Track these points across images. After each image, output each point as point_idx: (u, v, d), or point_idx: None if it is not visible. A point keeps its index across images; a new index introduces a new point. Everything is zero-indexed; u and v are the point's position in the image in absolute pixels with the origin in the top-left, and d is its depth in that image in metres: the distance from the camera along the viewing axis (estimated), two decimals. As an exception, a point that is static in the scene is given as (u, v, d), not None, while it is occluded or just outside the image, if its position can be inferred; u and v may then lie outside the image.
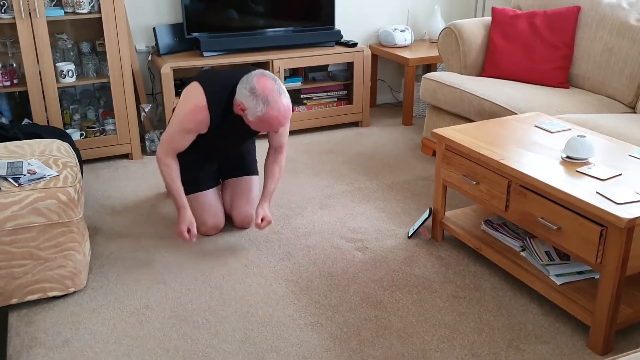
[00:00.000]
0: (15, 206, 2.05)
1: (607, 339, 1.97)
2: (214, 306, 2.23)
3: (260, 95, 2.20)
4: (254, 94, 2.20)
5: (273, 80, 2.25)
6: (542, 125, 2.55)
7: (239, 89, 2.26)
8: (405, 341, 2.05)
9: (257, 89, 2.20)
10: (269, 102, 2.21)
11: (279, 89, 2.24)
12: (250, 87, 2.21)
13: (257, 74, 2.25)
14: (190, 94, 2.37)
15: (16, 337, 2.06)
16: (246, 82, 2.24)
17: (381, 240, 2.68)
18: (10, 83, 3.19)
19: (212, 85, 2.36)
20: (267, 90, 2.21)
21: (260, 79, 2.22)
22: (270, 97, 2.21)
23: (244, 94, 2.23)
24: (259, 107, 2.21)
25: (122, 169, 3.43)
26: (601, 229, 1.87)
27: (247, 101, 2.23)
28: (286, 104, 2.26)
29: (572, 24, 3.28)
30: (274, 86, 2.23)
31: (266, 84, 2.21)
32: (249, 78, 2.23)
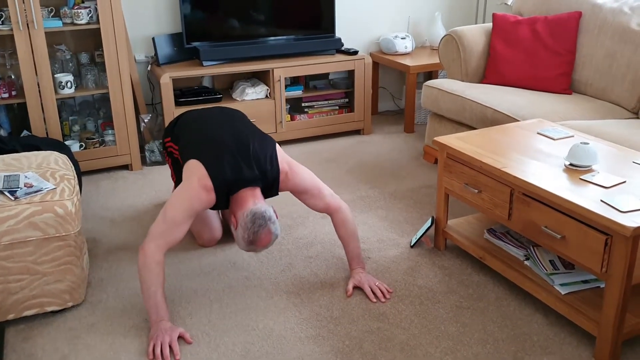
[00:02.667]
0: (11, 220, 2.03)
1: (614, 350, 1.93)
2: (214, 320, 2.20)
3: (253, 247, 2.12)
4: (249, 243, 2.11)
5: (273, 238, 2.14)
6: (545, 132, 2.52)
7: (244, 223, 2.10)
8: (408, 353, 2.02)
9: (255, 243, 2.11)
10: (254, 251, 2.16)
11: (270, 245, 2.15)
12: (252, 239, 2.10)
13: (267, 229, 2.10)
14: (195, 172, 2.17)
15: (12, 354, 2.03)
16: (254, 230, 2.09)
17: (383, 250, 2.65)
18: (8, 95, 3.18)
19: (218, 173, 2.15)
20: (261, 246, 2.12)
21: (264, 237, 2.11)
22: (259, 250, 2.15)
23: (243, 232, 2.10)
24: (243, 246, 2.13)
25: (122, 180, 3.41)
26: (606, 238, 1.84)
27: (240, 237, 2.12)
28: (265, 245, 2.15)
29: (573, 29, 3.25)
30: (268, 243, 2.14)
31: (264, 242, 2.12)
32: (259, 230, 2.09)
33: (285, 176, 2.27)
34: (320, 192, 2.33)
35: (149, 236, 2.10)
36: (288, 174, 2.28)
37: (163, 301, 2.08)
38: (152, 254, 2.07)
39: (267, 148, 2.28)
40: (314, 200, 2.34)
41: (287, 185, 2.30)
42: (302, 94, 3.95)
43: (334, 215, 2.36)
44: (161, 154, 3.65)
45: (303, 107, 3.97)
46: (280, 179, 2.26)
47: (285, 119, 3.85)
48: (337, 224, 2.37)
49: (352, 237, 2.38)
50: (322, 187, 2.34)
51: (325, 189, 2.35)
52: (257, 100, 3.75)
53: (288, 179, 2.28)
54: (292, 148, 3.87)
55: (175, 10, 3.80)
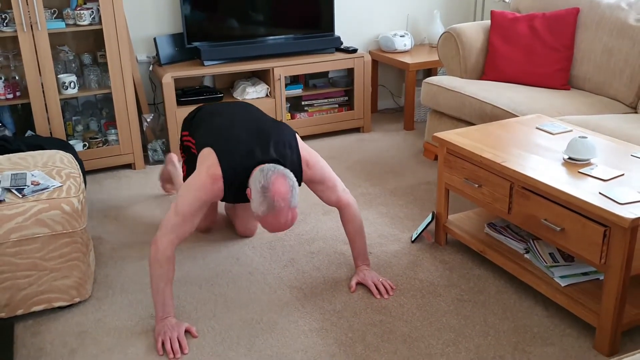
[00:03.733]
0: (19, 217, 2.06)
1: (613, 340, 1.96)
2: (218, 314, 2.23)
3: (269, 198, 1.96)
4: (264, 193, 1.97)
5: (290, 188, 1.99)
6: (544, 127, 2.55)
7: (254, 177, 2.03)
8: (410, 345, 2.05)
9: (269, 190, 1.97)
10: (273, 209, 1.97)
11: (291, 199, 1.99)
12: (263, 185, 1.98)
13: (277, 172, 1.99)
14: (205, 162, 2.14)
15: (22, 348, 2.06)
16: (264, 176, 1.99)
17: (385, 245, 2.68)
18: (12, 96, 3.21)
19: (229, 158, 2.12)
20: (278, 197, 1.96)
21: (276, 181, 1.98)
22: (277, 205, 1.97)
23: (255, 186, 2.00)
24: (262, 207, 1.98)
25: (125, 178, 3.44)
26: (605, 230, 1.87)
27: (255, 194, 2.01)
28: (290, 219, 2.01)
29: (571, 25, 3.28)
30: (287, 195, 1.98)
31: (280, 190, 1.97)
32: (268, 174, 1.99)
33: (306, 164, 2.23)
34: (335, 185, 2.32)
35: (161, 230, 2.09)
36: (309, 162, 2.24)
37: (170, 297, 2.10)
38: (164, 249, 2.06)
39: (287, 135, 2.23)
40: (328, 192, 2.31)
41: (307, 174, 2.25)
42: (302, 92, 3.97)
43: (344, 210, 2.35)
44: (164, 153, 3.68)
45: (303, 106, 3.99)
46: (302, 166, 2.22)
47: (285, 118, 3.88)
48: (345, 219, 2.37)
49: (359, 233, 2.40)
50: (337, 181, 2.33)
51: (340, 183, 2.34)
52: (257, 99, 3.78)
53: (309, 167, 2.24)
54: (293, 146, 3.90)
55: (176, 11, 3.83)
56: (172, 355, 2.00)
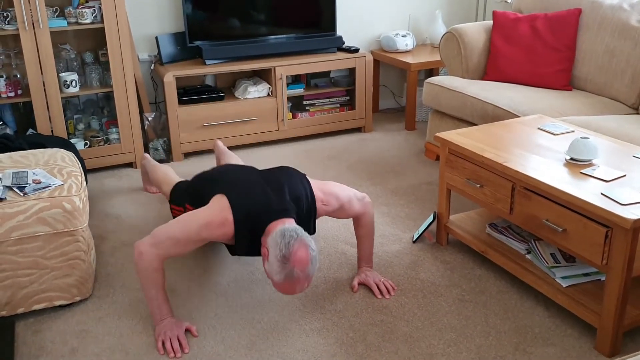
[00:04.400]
0: (20, 216, 2.06)
1: (615, 341, 1.96)
2: (220, 313, 2.23)
3: (288, 268, 1.90)
4: (283, 263, 1.90)
5: (310, 259, 1.93)
6: (545, 127, 2.55)
7: (274, 240, 1.94)
8: (411, 345, 2.05)
9: (289, 261, 1.89)
10: (292, 278, 1.91)
11: (310, 270, 1.93)
12: (284, 254, 1.90)
13: (299, 241, 1.92)
14: (217, 203, 2.07)
15: (23, 347, 2.06)
16: (285, 244, 1.91)
17: (386, 245, 2.68)
18: (14, 94, 3.21)
19: (243, 206, 2.04)
20: (298, 268, 1.90)
21: (298, 251, 1.90)
22: (296, 275, 1.90)
23: (275, 252, 1.92)
24: (278, 275, 1.91)
25: (126, 177, 3.44)
26: (606, 230, 1.87)
27: (273, 259, 1.93)
28: (304, 288, 1.97)
29: (573, 26, 3.28)
30: (307, 267, 1.92)
31: (301, 261, 1.90)
32: (290, 242, 1.91)
33: (321, 203, 2.19)
34: (350, 204, 2.27)
35: (151, 238, 2.02)
36: (324, 200, 2.20)
37: (165, 300, 2.09)
38: (151, 261, 2.01)
39: (297, 179, 2.18)
40: (345, 213, 2.28)
41: (323, 211, 2.22)
42: (304, 92, 3.97)
43: (360, 218, 2.34)
44: (165, 152, 3.68)
45: (304, 105, 3.99)
46: (317, 207, 2.18)
47: (287, 117, 3.88)
48: (359, 224, 2.36)
49: (369, 237, 2.39)
50: (352, 197, 2.27)
51: (354, 197, 2.28)
52: (259, 98, 3.78)
53: (324, 204, 2.20)
54: (293, 146, 3.90)
55: (178, 10, 3.83)
56: (173, 355, 2.00)
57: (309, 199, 2.15)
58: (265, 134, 3.85)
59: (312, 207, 2.16)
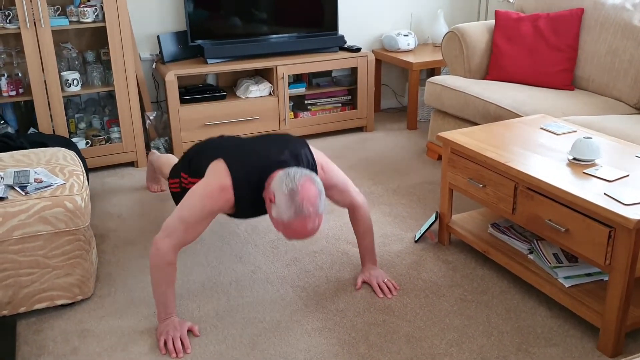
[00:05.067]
0: (22, 215, 2.06)
1: (617, 341, 1.96)
2: (221, 313, 2.23)
3: (297, 202, 1.87)
4: (291, 197, 1.87)
5: (318, 192, 1.92)
6: (548, 127, 2.54)
7: (279, 179, 1.92)
8: (413, 345, 2.04)
9: (298, 194, 1.87)
10: (302, 213, 1.87)
11: (319, 204, 1.91)
12: (291, 188, 1.88)
13: (305, 176, 1.91)
14: (213, 171, 2.06)
15: (25, 346, 2.06)
16: (290, 178, 1.90)
17: (388, 245, 2.67)
18: (15, 93, 3.21)
19: (240, 164, 2.04)
20: (307, 202, 1.87)
21: (305, 185, 1.89)
22: (306, 210, 1.88)
23: (281, 189, 1.90)
24: (288, 212, 1.88)
25: (128, 176, 3.44)
26: (609, 230, 1.86)
27: (280, 198, 1.90)
28: (316, 226, 1.93)
29: (575, 26, 3.27)
30: (316, 200, 1.90)
31: (309, 194, 1.88)
32: (296, 176, 1.90)
33: (321, 168, 2.20)
34: (347, 188, 2.29)
35: (163, 231, 2.02)
36: (324, 166, 2.21)
37: (172, 299, 2.09)
38: (165, 254, 2.00)
39: (298, 142, 2.18)
40: (341, 195, 2.28)
41: (322, 178, 2.20)
42: (305, 91, 3.97)
43: (356, 211, 2.34)
44: (167, 151, 3.68)
45: (306, 105, 3.99)
46: (317, 171, 2.17)
47: (288, 117, 3.88)
48: (356, 220, 2.36)
49: (368, 233, 2.39)
50: (349, 183, 2.31)
51: (352, 185, 2.32)
52: (260, 97, 3.77)
53: (324, 170, 2.20)
54: (296, 145, 3.90)
55: (179, 9, 3.83)
56: (175, 354, 2.00)
57: (310, 161, 2.15)
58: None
59: (314, 169, 2.15)
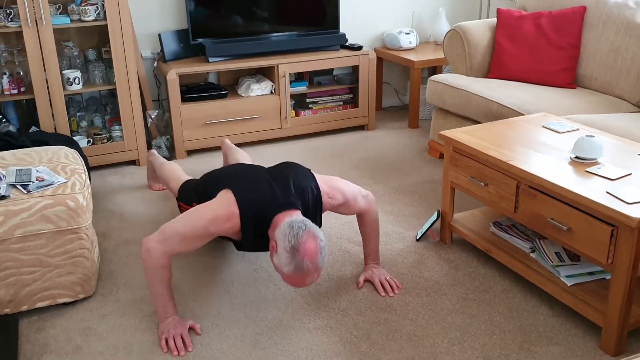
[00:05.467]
0: (24, 213, 2.06)
1: (619, 340, 1.95)
2: (223, 311, 2.23)
3: (297, 260, 1.89)
4: (293, 254, 1.89)
5: (320, 249, 1.92)
6: (550, 125, 2.54)
7: (283, 231, 1.93)
8: (415, 344, 2.04)
9: (298, 252, 1.89)
10: (301, 270, 1.90)
11: (320, 261, 1.93)
12: (293, 245, 1.89)
13: (307, 232, 1.92)
14: (223, 198, 2.07)
15: (27, 344, 2.06)
16: (294, 235, 1.91)
17: (389, 244, 2.67)
18: (17, 91, 3.21)
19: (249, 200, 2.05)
20: (307, 259, 1.89)
21: (307, 242, 1.90)
22: (306, 267, 1.90)
23: (284, 243, 1.91)
24: (288, 267, 1.90)
25: (130, 175, 3.44)
26: (612, 229, 1.86)
27: (282, 251, 1.92)
28: (314, 280, 1.96)
29: (578, 24, 3.27)
30: (317, 258, 1.91)
31: (311, 252, 1.90)
32: (299, 233, 1.91)
33: (327, 196, 2.20)
34: (354, 201, 2.28)
35: (159, 235, 2.02)
36: (329, 194, 2.21)
37: (170, 299, 2.09)
38: (158, 258, 2.00)
39: (302, 173, 2.19)
40: (350, 209, 2.29)
41: (329, 205, 2.22)
42: (307, 89, 3.97)
43: (364, 216, 2.34)
44: (168, 149, 3.67)
45: (307, 103, 3.99)
46: (323, 200, 2.18)
47: (290, 115, 3.88)
48: (363, 222, 2.36)
49: (375, 234, 2.39)
50: (356, 194, 2.28)
51: (358, 193, 2.29)
52: (262, 96, 3.77)
53: (330, 197, 2.21)
54: (296, 144, 3.90)
55: (181, 7, 3.83)
56: (177, 353, 2.00)
57: (315, 192, 2.16)
58: (268, 132, 3.84)
59: (318, 200, 2.17)
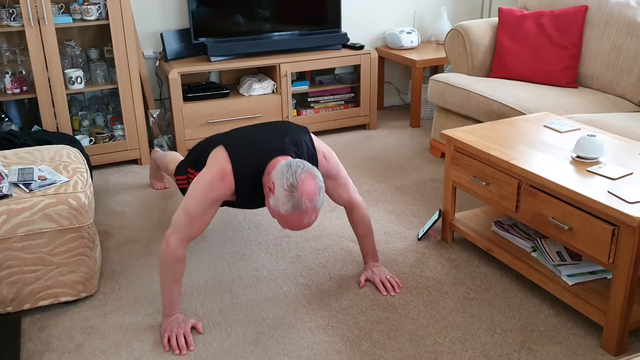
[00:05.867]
0: (26, 212, 2.06)
1: (621, 339, 1.95)
2: (225, 310, 2.23)
3: (296, 197, 1.86)
4: (291, 192, 1.86)
5: (318, 188, 1.90)
6: (551, 125, 2.54)
7: (280, 170, 1.91)
8: (416, 343, 2.04)
9: (297, 189, 1.86)
10: (299, 208, 1.87)
11: (318, 200, 1.91)
12: (291, 183, 1.86)
13: (306, 171, 1.90)
14: (214, 158, 2.07)
15: (29, 343, 2.07)
16: (292, 173, 1.88)
17: (391, 243, 2.67)
18: (19, 90, 3.21)
19: (240, 150, 2.05)
20: (306, 197, 1.86)
21: (306, 180, 1.87)
22: (304, 205, 1.87)
23: (281, 182, 1.88)
24: (286, 205, 1.87)
25: (132, 174, 3.44)
26: (613, 229, 1.86)
27: (279, 190, 1.89)
28: (312, 221, 1.93)
29: (579, 23, 3.27)
30: (315, 197, 1.89)
31: (309, 190, 1.87)
32: (297, 171, 1.88)
33: (322, 155, 2.17)
34: (347, 183, 2.29)
35: (172, 227, 2.05)
36: (325, 154, 2.19)
37: (178, 296, 2.10)
38: (175, 250, 2.02)
39: (299, 129, 2.17)
40: (340, 190, 2.27)
41: (323, 166, 2.18)
42: (308, 89, 3.97)
43: (354, 210, 2.34)
44: (170, 148, 3.68)
45: (309, 102, 3.99)
46: (318, 158, 2.16)
47: (291, 114, 3.88)
48: (355, 220, 2.36)
49: (368, 233, 2.39)
50: (349, 179, 2.31)
51: (352, 183, 2.32)
52: (263, 95, 3.77)
53: (325, 158, 2.18)
54: (299, 143, 3.90)
55: (182, 7, 3.83)
56: (178, 351, 2.00)
57: (310, 149, 2.14)
58: (269, 131, 3.84)
59: (313, 155, 2.14)
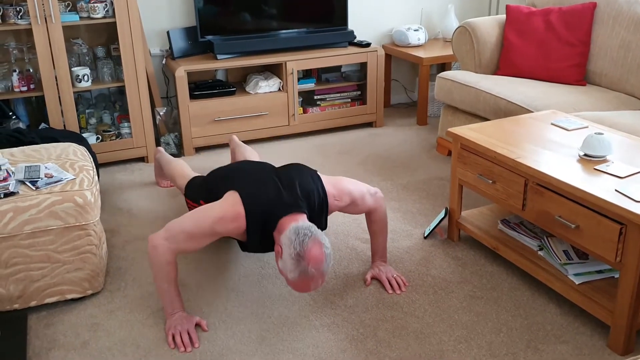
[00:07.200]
0: (33, 209, 2.07)
1: (628, 339, 1.94)
2: (230, 308, 2.23)
3: (302, 266, 1.89)
4: (298, 261, 1.89)
5: (325, 256, 1.92)
6: (559, 123, 2.52)
7: (288, 237, 1.93)
8: (422, 342, 2.04)
9: (303, 259, 1.89)
10: (306, 275, 1.90)
11: (325, 268, 1.93)
12: (298, 252, 1.89)
13: (313, 239, 1.91)
14: (230, 202, 2.07)
15: (35, 340, 2.08)
16: (299, 241, 1.91)
17: (397, 241, 2.67)
18: (27, 88, 3.23)
19: (254, 201, 2.05)
20: (312, 266, 1.89)
21: (312, 249, 1.90)
22: (311, 273, 1.90)
23: (289, 250, 1.91)
24: (293, 273, 1.91)
25: (138, 172, 3.45)
26: (620, 227, 1.85)
27: (287, 257, 1.92)
28: (319, 285, 1.95)
29: (588, 20, 3.24)
30: (322, 265, 1.91)
31: (316, 259, 1.90)
32: (304, 240, 1.90)
33: (333, 198, 2.19)
34: (362, 200, 2.27)
35: (165, 232, 2.03)
36: (336, 195, 2.20)
37: (177, 294, 2.10)
38: (163, 254, 2.02)
39: (309, 175, 2.18)
40: (359, 208, 2.28)
41: (336, 207, 2.22)
42: (315, 86, 3.96)
43: (372, 214, 2.34)
44: (177, 146, 3.69)
45: (315, 100, 3.98)
46: (329, 202, 2.18)
47: (297, 112, 3.87)
48: (371, 220, 2.35)
49: (383, 232, 2.38)
50: (364, 193, 2.28)
51: (366, 192, 2.28)
52: (270, 93, 3.77)
53: (337, 199, 2.20)
54: (304, 141, 3.90)
55: (189, 4, 3.83)
56: (183, 349, 2.01)
57: (321, 195, 2.15)
58: (276, 129, 3.85)
59: (324, 203, 2.16)
